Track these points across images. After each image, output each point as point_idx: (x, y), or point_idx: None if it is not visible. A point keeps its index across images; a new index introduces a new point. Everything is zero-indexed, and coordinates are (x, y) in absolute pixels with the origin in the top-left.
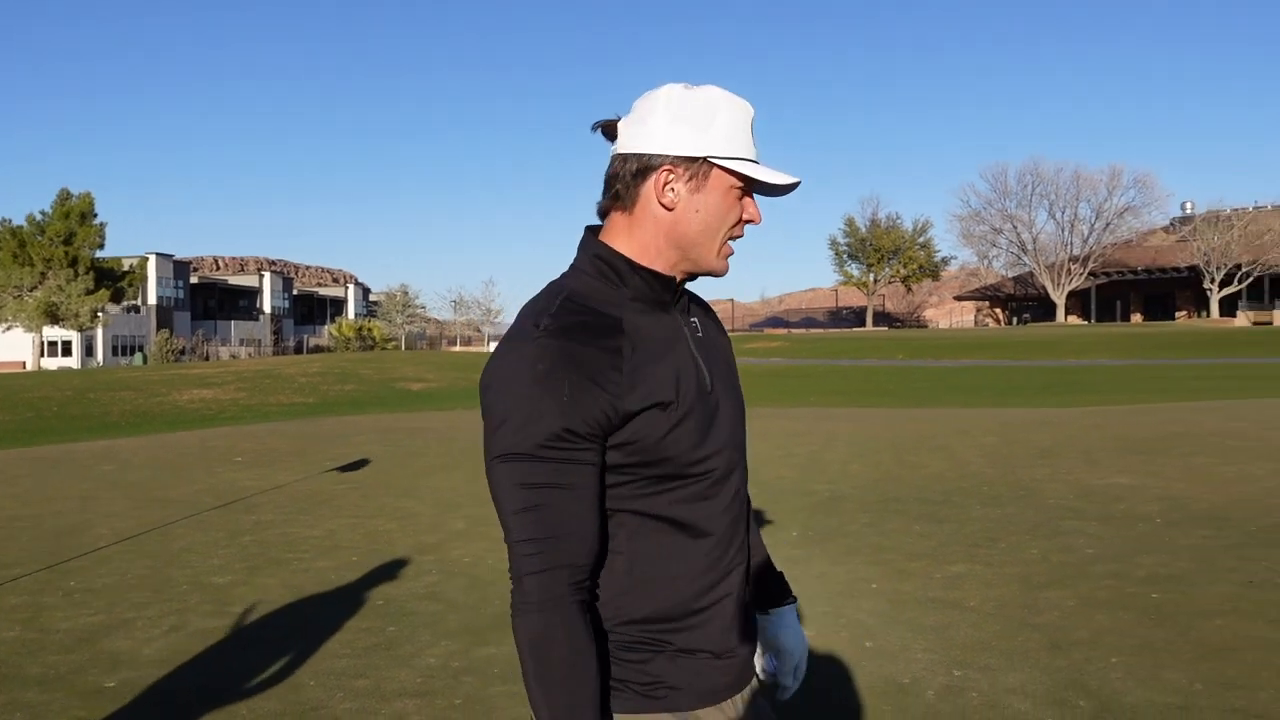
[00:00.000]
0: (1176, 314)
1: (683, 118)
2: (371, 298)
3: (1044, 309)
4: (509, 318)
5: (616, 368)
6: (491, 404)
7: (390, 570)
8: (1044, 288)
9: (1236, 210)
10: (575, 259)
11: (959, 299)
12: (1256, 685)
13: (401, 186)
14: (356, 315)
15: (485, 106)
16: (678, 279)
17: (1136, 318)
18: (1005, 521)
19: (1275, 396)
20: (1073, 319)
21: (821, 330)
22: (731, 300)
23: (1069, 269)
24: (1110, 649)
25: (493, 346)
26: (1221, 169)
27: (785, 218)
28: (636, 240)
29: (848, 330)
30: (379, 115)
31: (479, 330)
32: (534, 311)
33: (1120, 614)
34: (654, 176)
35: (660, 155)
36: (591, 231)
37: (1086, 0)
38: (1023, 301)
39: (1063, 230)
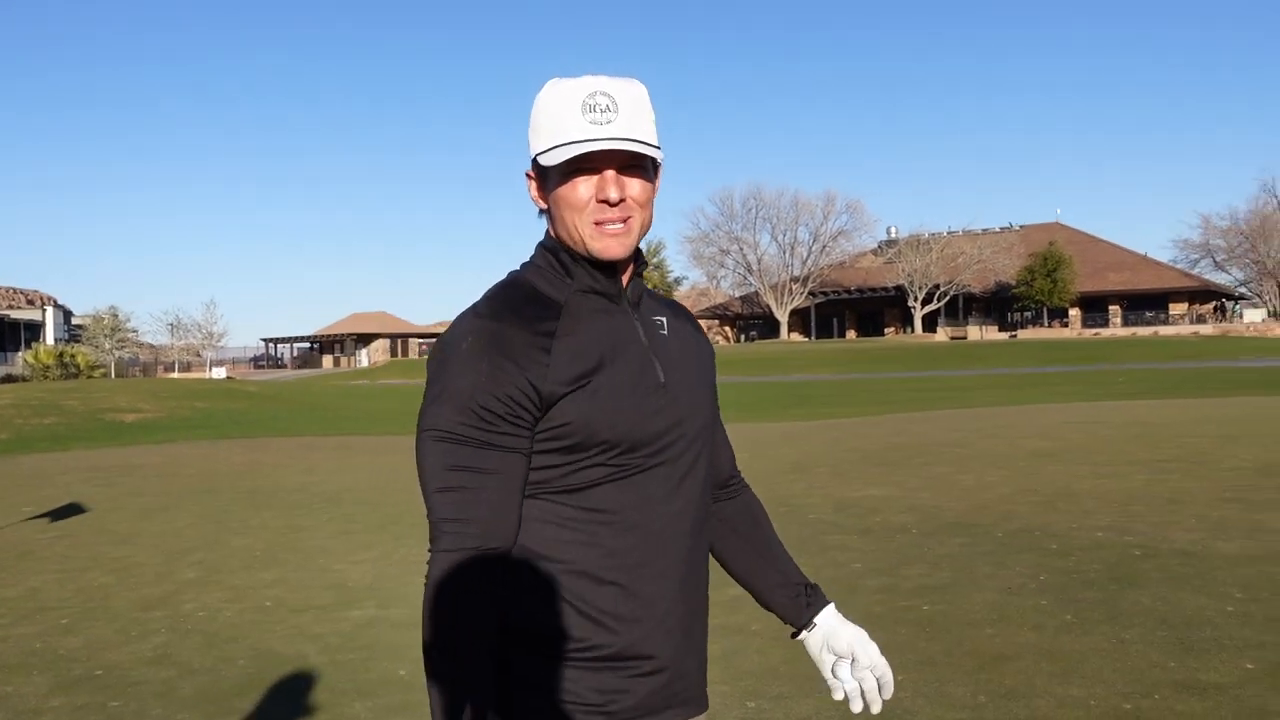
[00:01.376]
0: (885, 330)
1: (530, 126)
2: (75, 321)
3: (769, 327)
4: (233, 340)
5: (544, 349)
6: (428, 380)
7: (110, 632)
8: (768, 307)
9: (934, 235)
10: (536, 249)
11: None
12: (1034, 693)
13: (107, 198)
14: (57, 341)
15: (199, 101)
16: (621, 270)
17: (851, 334)
18: None
19: (980, 406)
20: (795, 336)
21: None
22: None
23: (790, 289)
24: (894, 666)
25: (215, 372)
26: (920, 197)
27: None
28: (557, 236)
29: None
30: (76, 116)
31: (199, 355)
32: (482, 296)
33: (897, 629)
34: (527, 181)
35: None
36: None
37: (797, 32)
38: (749, 320)
39: (784, 252)
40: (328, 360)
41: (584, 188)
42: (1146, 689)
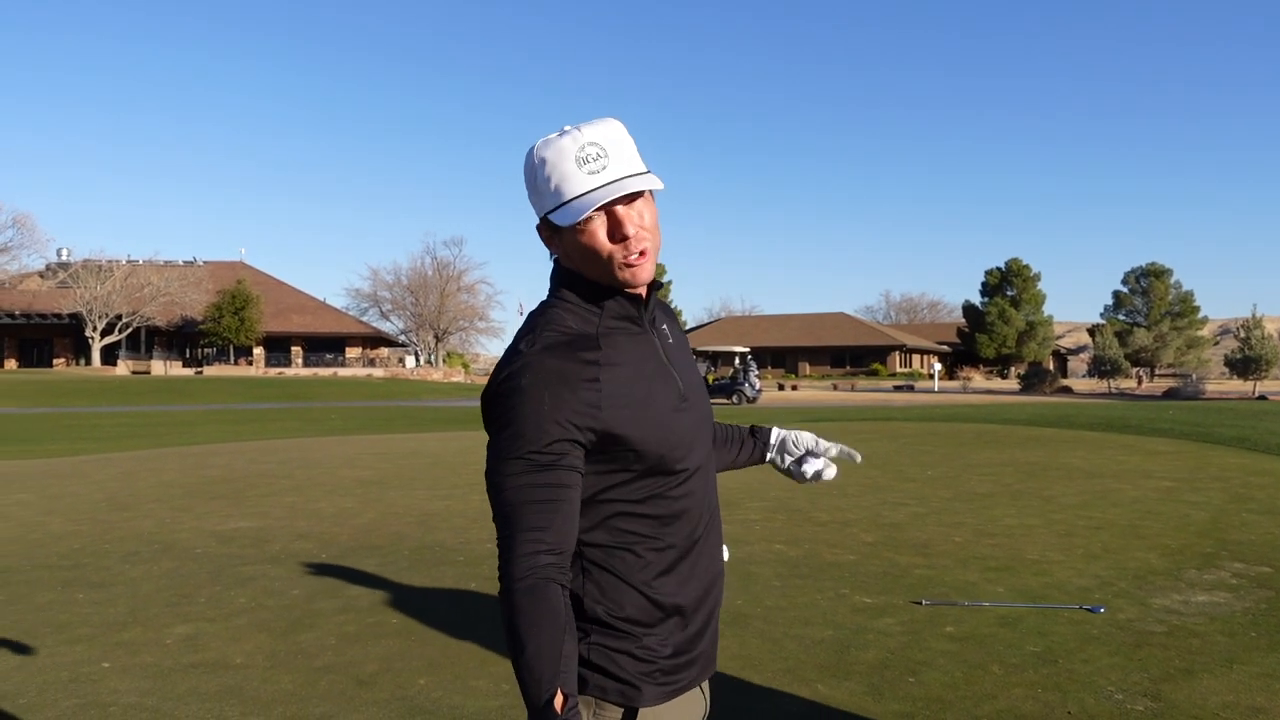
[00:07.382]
0: (55, 361)
1: (528, 186)
2: None
3: None
4: None
5: (593, 378)
6: (488, 417)
7: None
8: None
9: (114, 261)
10: (554, 286)
11: None
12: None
13: None
14: None
15: None
16: (642, 295)
17: (12, 363)
18: (179, 576)
19: (217, 441)
20: None
21: None
22: None
23: None
24: (414, 672)
25: None
26: (99, 220)
27: None
28: (581, 273)
29: None
30: None
31: None
32: (522, 334)
33: (391, 640)
34: (540, 234)
35: (539, 219)
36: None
37: None
38: None
39: None
40: None
41: (600, 233)
42: None
